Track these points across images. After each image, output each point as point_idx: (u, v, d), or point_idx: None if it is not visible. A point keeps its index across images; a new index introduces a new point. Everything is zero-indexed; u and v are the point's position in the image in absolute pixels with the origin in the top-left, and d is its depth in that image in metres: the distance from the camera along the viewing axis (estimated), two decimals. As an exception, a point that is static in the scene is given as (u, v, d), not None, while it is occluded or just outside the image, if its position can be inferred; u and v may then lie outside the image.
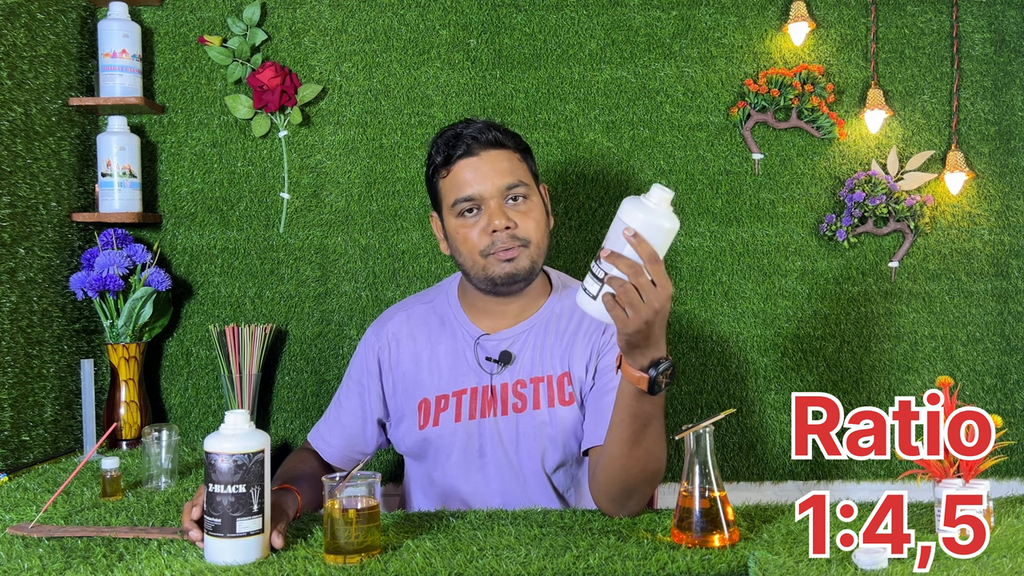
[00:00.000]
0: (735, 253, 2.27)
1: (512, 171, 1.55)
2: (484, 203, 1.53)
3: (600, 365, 1.58)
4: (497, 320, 1.62)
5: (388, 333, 1.69)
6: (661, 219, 1.22)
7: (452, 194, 1.55)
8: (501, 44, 2.27)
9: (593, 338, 1.60)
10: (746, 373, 2.27)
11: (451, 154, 1.55)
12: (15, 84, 1.89)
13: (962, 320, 2.27)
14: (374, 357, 1.69)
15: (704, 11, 2.27)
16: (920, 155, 2.25)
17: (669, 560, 1.17)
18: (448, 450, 1.61)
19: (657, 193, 1.22)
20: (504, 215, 1.52)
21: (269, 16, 2.26)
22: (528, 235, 1.54)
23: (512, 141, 1.59)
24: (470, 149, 1.54)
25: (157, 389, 2.26)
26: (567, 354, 1.60)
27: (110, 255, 2.07)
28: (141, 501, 1.54)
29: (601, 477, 1.41)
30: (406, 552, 1.22)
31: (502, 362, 1.60)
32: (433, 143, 1.59)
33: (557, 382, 1.59)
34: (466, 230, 1.54)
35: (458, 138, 1.55)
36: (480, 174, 1.53)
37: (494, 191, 1.53)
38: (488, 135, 1.55)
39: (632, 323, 1.20)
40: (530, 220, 1.54)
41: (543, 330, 1.61)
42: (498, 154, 1.55)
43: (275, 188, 2.26)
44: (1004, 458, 1.68)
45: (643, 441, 1.34)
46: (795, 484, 2.26)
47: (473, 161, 1.54)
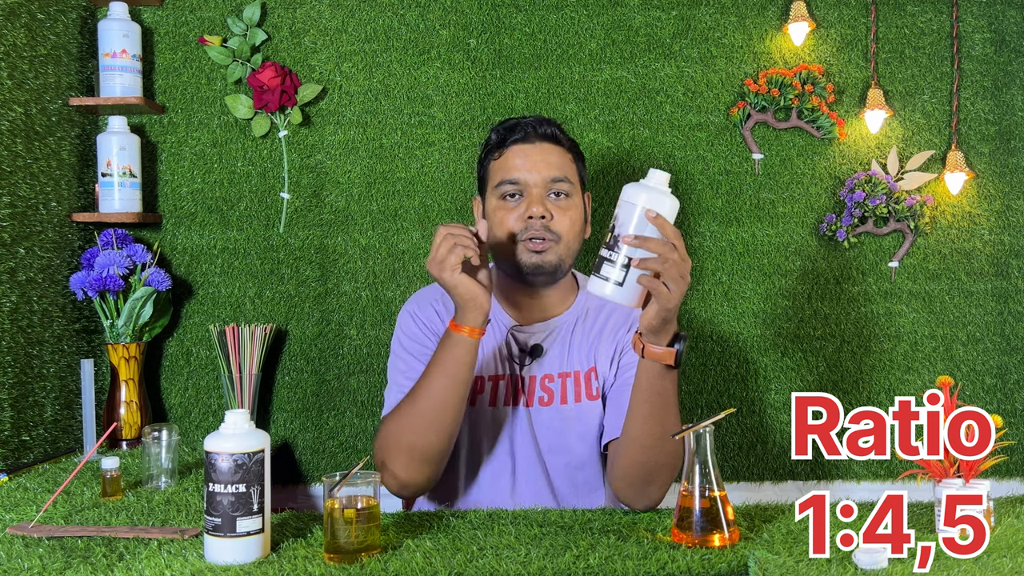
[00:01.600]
0: (735, 253, 2.27)
1: (560, 166, 1.58)
2: (527, 190, 1.56)
3: (622, 361, 1.61)
4: (527, 312, 1.64)
5: (431, 307, 1.64)
6: (666, 198, 1.29)
7: (499, 175, 1.58)
8: (501, 44, 2.27)
9: (618, 335, 1.63)
10: (746, 373, 2.27)
11: (506, 137, 1.59)
12: (15, 84, 1.89)
13: (962, 320, 2.27)
14: (425, 324, 1.63)
15: (704, 11, 2.27)
16: (920, 155, 2.25)
17: (669, 560, 1.17)
18: (478, 434, 1.62)
19: (658, 175, 1.31)
20: (544, 205, 1.55)
21: (269, 16, 2.26)
22: (562, 231, 1.56)
23: (568, 142, 1.63)
24: (526, 136, 1.59)
25: (157, 389, 2.26)
26: (593, 350, 1.63)
27: (110, 255, 2.07)
28: (141, 501, 1.53)
29: (622, 462, 1.44)
30: (406, 552, 1.22)
31: (533, 355, 1.62)
32: (493, 128, 1.64)
33: (584, 377, 1.62)
34: (504, 212, 1.57)
35: (517, 125, 1.60)
36: (530, 161, 1.57)
37: (539, 180, 1.56)
38: (546, 128, 1.60)
39: (674, 297, 1.27)
40: (566, 217, 1.57)
41: (572, 327, 1.64)
42: (551, 148, 1.59)
43: (275, 188, 2.26)
44: (1004, 458, 1.68)
45: (664, 419, 1.38)
46: (795, 484, 2.26)
47: (526, 148, 1.58)
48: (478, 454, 1.63)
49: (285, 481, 2.26)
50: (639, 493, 1.42)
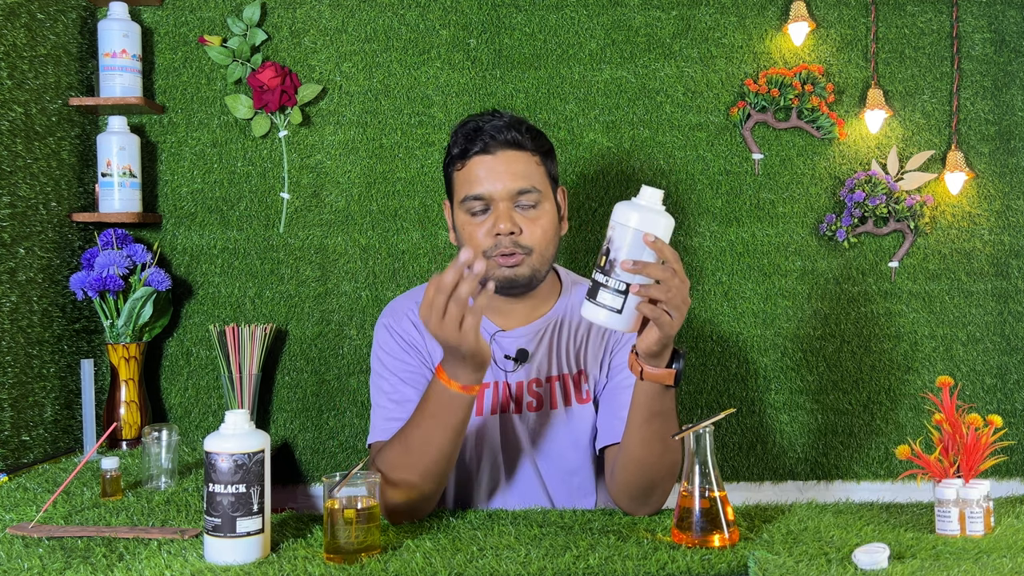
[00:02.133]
0: (735, 253, 2.27)
1: (526, 175, 1.52)
2: (493, 204, 1.51)
3: (613, 363, 1.59)
4: (508, 318, 1.61)
5: (407, 318, 1.61)
6: (661, 217, 1.23)
7: (463, 189, 1.53)
8: (501, 44, 2.27)
9: (605, 335, 1.60)
10: (746, 373, 2.27)
11: (468, 148, 1.53)
12: (15, 84, 1.89)
13: (962, 320, 2.27)
14: (402, 337, 1.59)
15: (704, 11, 2.27)
16: (920, 155, 2.25)
17: (669, 560, 1.17)
18: (470, 445, 1.60)
19: (650, 193, 1.23)
20: (510, 219, 1.50)
21: (269, 16, 2.26)
22: (532, 243, 1.51)
23: (533, 143, 1.55)
24: (487, 147, 1.51)
25: (157, 389, 2.26)
26: (581, 352, 1.60)
27: (110, 255, 2.07)
28: (141, 501, 1.53)
29: (623, 478, 1.41)
30: (406, 552, 1.22)
31: (519, 360, 1.59)
32: (454, 132, 1.57)
33: (573, 380, 1.60)
34: (472, 228, 1.53)
35: (477, 132, 1.52)
36: (493, 174, 1.51)
37: (504, 193, 1.50)
38: (507, 135, 1.52)
39: (676, 324, 1.23)
40: (537, 228, 1.52)
41: (556, 329, 1.61)
42: (515, 155, 1.52)
43: (275, 188, 2.26)
44: (1004, 458, 1.68)
45: (665, 437, 1.35)
46: (795, 484, 2.26)
47: (488, 160, 1.51)
48: (471, 465, 1.60)
49: (285, 481, 2.26)
50: (640, 504, 1.41)
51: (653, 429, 1.35)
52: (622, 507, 1.44)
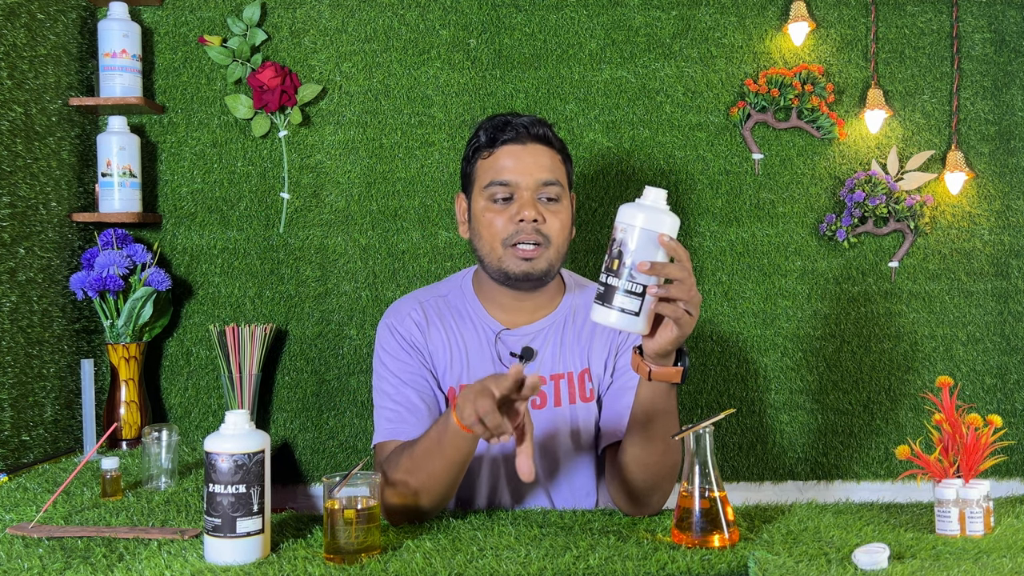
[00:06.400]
0: (735, 253, 2.27)
1: (552, 169, 1.56)
2: (518, 192, 1.53)
3: (619, 363, 1.59)
4: (514, 315, 1.61)
5: (410, 319, 1.62)
6: (666, 216, 1.23)
7: (488, 175, 1.55)
8: (501, 44, 2.27)
9: (611, 335, 1.61)
10: (746, 373, 2.27)
11: (497, 136, 1.55)
12: (15, 84, 1.89)
13: (962, 320, 2.27)
14: (404, 338, 1.60)
15: (704, 11, 2.27)
16: (920, 155, 2.25)
17: (669, 560, 1.17)
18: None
19: (654, 193, 1.23)
20: (535, 208, 1.52)
21: (269, 16, 2.26)
22: (552, 234, 1.54)
23: (558, 143, 1.60)
24: (518, 136, 1.55)
25: (157, 389, 2.26)
26: (586, 351, 1.61)
27: (110, 255, 2.07)
28: (141, 501, 1.53)
29: (624, 478, 1.42)
30: (406, 552, 1.22)
31: (525, 358, 1.59)
32: (479, 125, 1.60)
33: (578, 379, 1.60)
34: (492, 215, 1.54)
35: (507, 124, 1.56)
36: (522, 163, 1.54)
37: (531, 183, 1.53)
38: (538, 129, 1.56)
39: (694, 322, 1.24)
40: (557, 221, 1.54)
41: (562, 327, 1.62)
42: (543, 150, 1.56)
43: (275, 188, 2.26)
44: (1004, 458, 1.68)
45: (667, 437, 1.36)
46: (795, 484, 2.27)
47: (518, 149, 1.55)
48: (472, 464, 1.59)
49: (285, 481, 2.26)
50: (642, 506, 1.42)
51: (655, 428, 1.36)
52: (622, 508, 1.44)
